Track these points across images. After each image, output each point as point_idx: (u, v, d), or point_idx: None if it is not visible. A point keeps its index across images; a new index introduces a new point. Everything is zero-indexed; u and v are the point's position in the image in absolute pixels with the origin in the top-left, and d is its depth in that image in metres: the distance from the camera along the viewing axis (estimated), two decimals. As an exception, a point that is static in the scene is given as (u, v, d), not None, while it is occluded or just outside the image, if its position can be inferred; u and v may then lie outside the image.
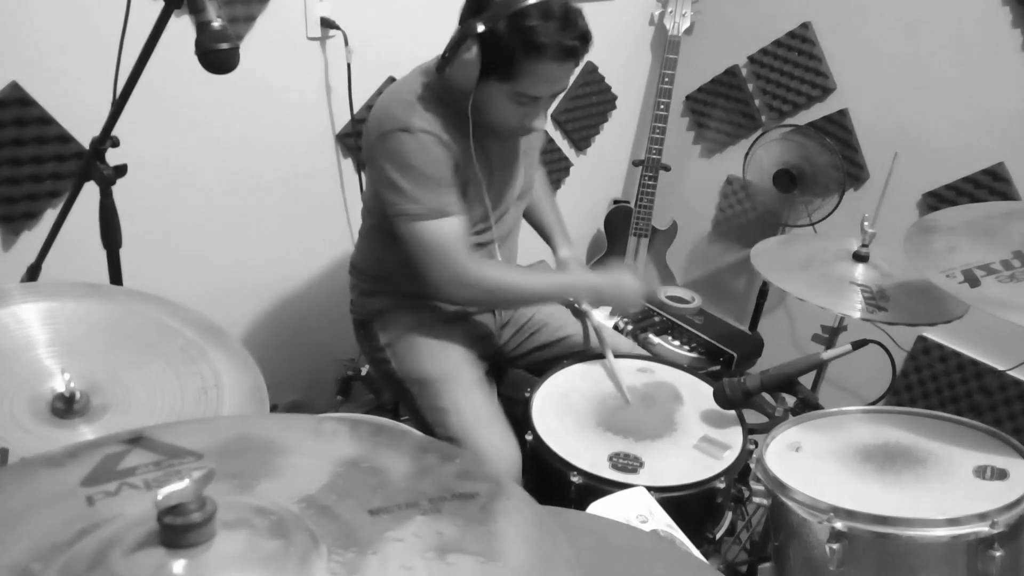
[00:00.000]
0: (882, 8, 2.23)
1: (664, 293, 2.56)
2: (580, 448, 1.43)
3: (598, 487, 1.33)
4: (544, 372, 1.67)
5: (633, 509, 1.17)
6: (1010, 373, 2.17)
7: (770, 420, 1.50)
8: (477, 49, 1.38)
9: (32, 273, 1.43)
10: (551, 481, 1.40)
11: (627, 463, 1.40)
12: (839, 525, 1.13)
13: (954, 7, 2.10)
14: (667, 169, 2.56)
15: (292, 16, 1.88)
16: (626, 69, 2.75)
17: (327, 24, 1.92)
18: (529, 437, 1.47)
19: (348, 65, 1.99)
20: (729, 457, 1.44)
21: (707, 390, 1.59)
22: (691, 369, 1.72)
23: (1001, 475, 1.20)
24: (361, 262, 1.79)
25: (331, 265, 2.23)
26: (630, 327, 2.36)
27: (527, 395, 1.57)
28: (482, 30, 1.37)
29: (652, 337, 2.37)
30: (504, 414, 1.64)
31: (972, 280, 1.31)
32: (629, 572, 0.89)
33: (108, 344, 1.00)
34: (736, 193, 2.73)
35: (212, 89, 1.77)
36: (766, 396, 1.55)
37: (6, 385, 0.91)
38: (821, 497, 1.17)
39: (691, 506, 1.36)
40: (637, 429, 1.50)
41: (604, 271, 1.79)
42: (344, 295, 1.84)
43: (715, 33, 2.61)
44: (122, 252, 1.41)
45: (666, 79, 2.44)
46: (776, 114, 2.53)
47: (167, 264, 1.90)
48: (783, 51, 2.45)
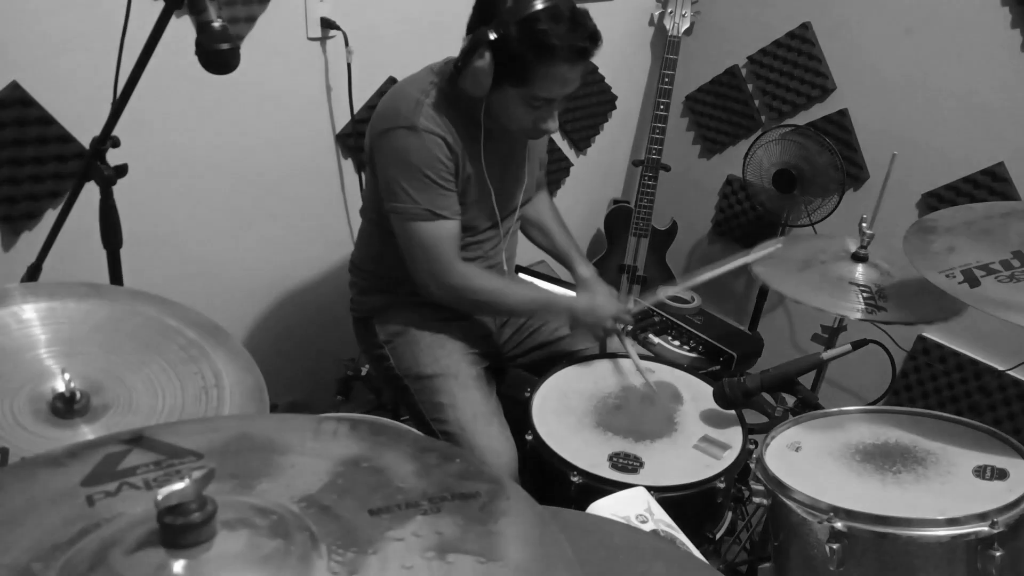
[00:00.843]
0: (882, 8, 2.23)
1: (664, 293, 2.56)
2: (580, 448, 1.43)
3: (598, 487, 1.33)
4: (544, 372, 1.67)
5: (633, 509, 1.17)
6: (1010, 373, 2.17)
7: (770, 420, 1.50)
8: (490, 56, 1.39)
9: (32, 273, 1.43)
10: (551, 481, 1.40)
11: (627, 463, 1.41)
12: (839, 525, 1.14)
13: (954, 7, 2.10)
14: (667, 169, 2.56)
15: (292, 16, 1.88)
16: (626, 69, 2.75)
17: (327, 24, 1.92)
18: (529, 437, 1.47)
19: (348, 65, 1.99)
20: (729, 457, 1.44)
21: (707, 390, 1.59)
22: (691, 369, 1.72)
23: (1001, 475, 1.20)
24: (361, 260, 1.80)
25: (331, 265, 2.23)
26: (630, 327, 2.36)
27: (527, 395, 1.57)
28: (494, 38, 1.38)
29: (652, 337, 2.37)
30: (502, 412, 1.65)
31: (972, 280, 1.31)
32: (629, 572, 0.89)
33: (108, 344, 0.99)
34: (736, 193, 2.73)
35: (212, 89, 1.77)
36: (766, 396, 1.55)
37: (6, 385, 0.91)
38: (821, 497, 1.17)
39: (691, 506, 1.36)
40: (637, 429, 1.50)
41: (583, 292, 1.76)
42: (344, 295, 1.84)
43: (715, 33, 2.61)
44: (122, 252, 1.41)
45: (666, 79, 2.44)
46: (776, 114, 2.53)
47: (167, 264, 1.90)
48: (783, 51, 2.45)
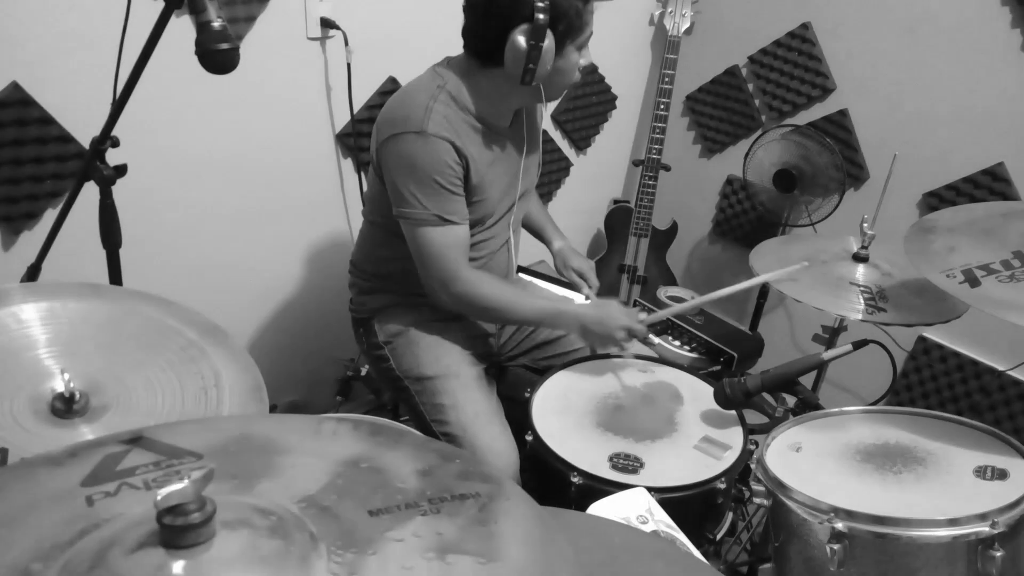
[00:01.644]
0: (882, 8, 2.23)
1: (664, 293, 2.56)
2: (580, 448, 1.43)
3: (598, 487, 1.33)
4: (544, 371, 1.67)
5: (633, 510, 1.17)
6: (1010, 373, 2.17)
7: (770, 420, 1.50)
8: (551, 34, 1.43)
9: (32, 273, 1.43)
10: (551, 481, 1.40)
11: (627, 463, 1.40)
12: (839, 525, 1.13)
13: (954, 7, 2.09)
14: (667, 169, 2.56)
15: (292, 16, 1.88)
16: (626, 69, 2.75)
17: (327, 24, 1.92)
18: (529, 437, 1.47)
19: (348, 65, 1.99)
20: (729, 457, 1.44)
21: (707, 390, 1.59)
22: (691, 369, 1.72)
23: (1001, 475, 1.20)
24: (361, 260, 1.80)
25: (331, 265, 2.23)
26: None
27: (527, 395, 1.57)
28: (543, 18, 1.40)
29: (652, 337, 2.37)
30: (503, 412, 1.64)
31: (972, 280, 1.31)
32: (629, 573, 0.89)
33: (108, 344, 0.99)
34: (736, 193, 2.73)
35: (212, 89, 1.77)
36: (766, 396, 1.55)
37: (6, 385, 0.91)
38: (821, 497, 1.17)
39: (691, 506, 1.36)
40: (637, 429, 1.50)
41: (593, 304, 1.76)
42: (344, 295, 1.84)
43: (715, 33, 2.61)
44: (122, 252, 1.41)
45: (666, 79, 2.44)
46: (776, 114, 2.53)
47: (167, 264, 1.90)
48: (783, 51, 2.45)
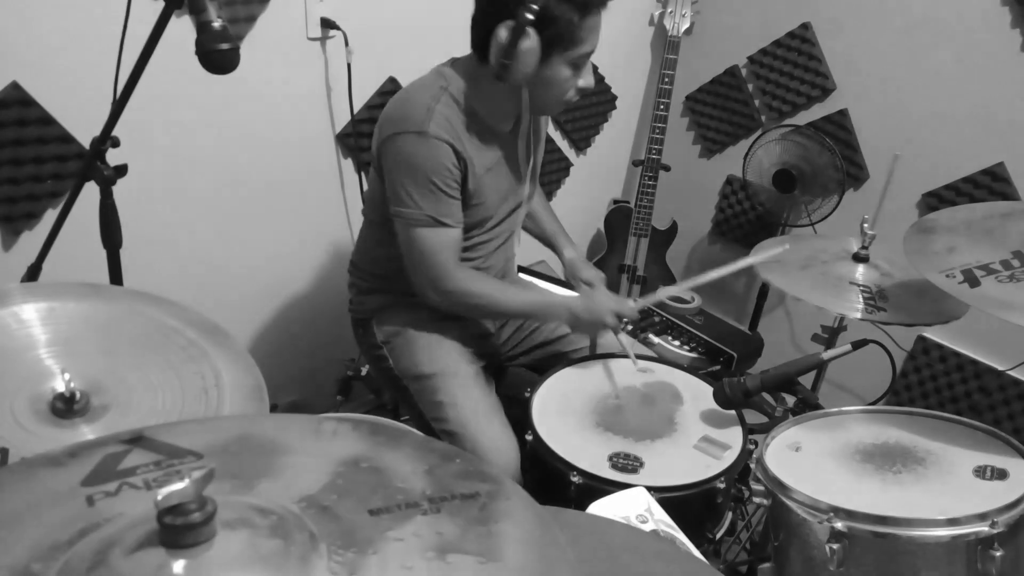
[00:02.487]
0: (882, 8, 2.23)
1: (665, 293, 2.56)
2: (580, 448, 1.43)
3: (598, 487, 1.33)
4: (544, 370, 1.67)
5: (633, 509, 1.17)
6: (1010, 373, 2.17)
7: (770, 420, 1.50)
8: (535, 33, 1.40)
9: (32, 273, 1.43)
10: (551, 481, 1.40)
11: (627, 463, 1.40)
12: (839, 525, 1.14)
13: (954, 7, 2.09)
14: (667, 169, 2.56)
15: (292, 16, 1.88)
16: (626, 69, 2.75)
17: (327, 24, 1.92)
18: (529, 437, 1.47)
19: (348, 65, 1.99)
20: (729, 457, 1.44)
21: (707, 390, 1.59)
22: (691, 369, 1.72)
23: (1001, 475, 1.20)
24: (360, 260, 1.80)
25: (331, 265, 2.23)
26: (630, 327, 2.36)
27: (527, 395, 1.57)
28: (532, 17, 1.38)
29: (652, 337, 2.37)
30: (503, 410, 1.64)
31: (972, 280, 1.31)
32: (629, 572, 0.89)
33: (108, 344, 0.99)
34: (736, 193, 2.73)
35: (212, 89, 1.77)
36: (766, 396, 1.55)
37: (6, 385, 0.91)
38: (821, 497, 1.17)
39: (691, 506, 1.36)
40: (637, 429, 1.50)
41: (581, 293, 1.77)
42: (344, 295, 1.84)
43: (715, 33, 2.61)
44: (122, 252, 1.41)
45: (666, 79, 2.44)
46: (776, 114, 2.53)
47: (167, 264, 1.90)
48: (783, 51, 2.45)
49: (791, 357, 1.57)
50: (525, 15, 1.39)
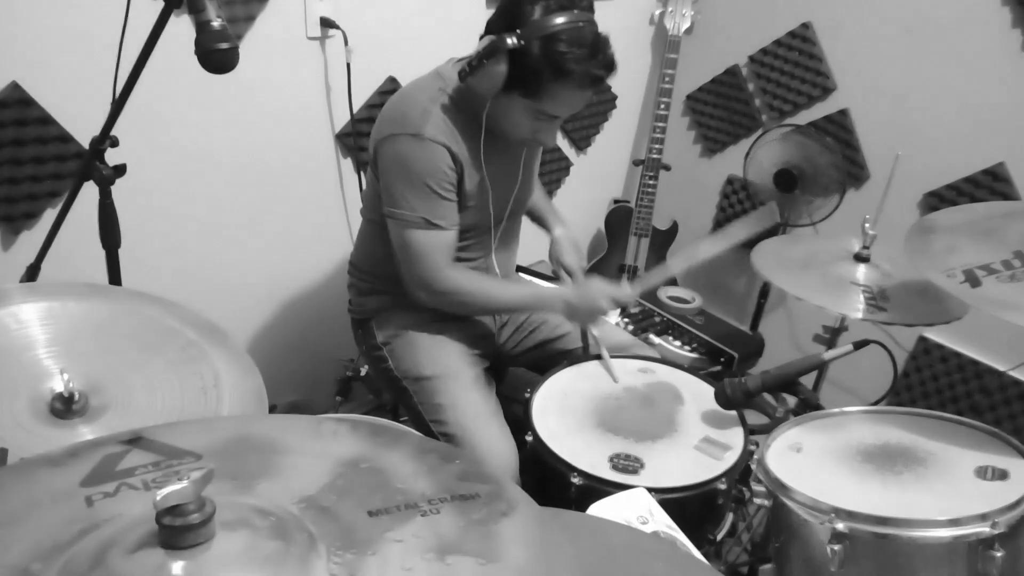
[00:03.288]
0: (882, 8, 2.23)
1: (664, 293, 2.56)
2: (580, 449, 1.43)
3: (598, 488, 1.33)
4: (544, 370, 1.67)
5: (633, 510, 1.17)
6: (1010, 373, 2.17)
7: (771, 421, 1.50)
8: (506, 62, 1.39)
9: (32, 273, 1.43)
10: (551, 482, 1.40)
11: (627, 464, 1.40)
12: (840, 526, 1.13)
13: (954, 7, 2.09)
14: (667, 169, 2.55)
15: (292, 16, 1.88)
16: (626, 69, 2.72)
17: (327, 24, 1.92)
18: (529, 438, 1.47)
19: (348, 65, 1.99)
20: (730, 458, 1.44)
21: (708, 390, 1.59)
22: (692, 369, 1.72)
23: (1002, 475, 1.20)
24: (360, 260, 1.80)
25: (330, 265, 2.23)
26: (631, 327, 2.36)
27: (527, 395, 1.57)
28: (514, 46, 1.38)
29: (653, 337, 2.37)
30: (502, 413, 1.64)
31: (973, 280, 1.30)
32: (629, 574, 0.89)
33: (108, 344, 0.99)
34: (736, 193, 2.72)
35: (212, 89, 1.77)
36: (767, 396, 1.55)
37: (6, 385, 0.91)
38: (822, 498, 1.17)
39: (692, 507, 1.36)
40: (638, 430, 1.50)
41: (577, 284, 1.77)
42: (343, 295, 1.84)
43: (715, 33, 2.61)
44: (121, 252, 1.41)
45: (666, 79, 2.44)
46: (776, 114, 2.52)
47: (167, 264, 1.89)
48: (783, 51, 2.45)
49: (792, 357, 1.57)
50: (508, 40, 1.38)
